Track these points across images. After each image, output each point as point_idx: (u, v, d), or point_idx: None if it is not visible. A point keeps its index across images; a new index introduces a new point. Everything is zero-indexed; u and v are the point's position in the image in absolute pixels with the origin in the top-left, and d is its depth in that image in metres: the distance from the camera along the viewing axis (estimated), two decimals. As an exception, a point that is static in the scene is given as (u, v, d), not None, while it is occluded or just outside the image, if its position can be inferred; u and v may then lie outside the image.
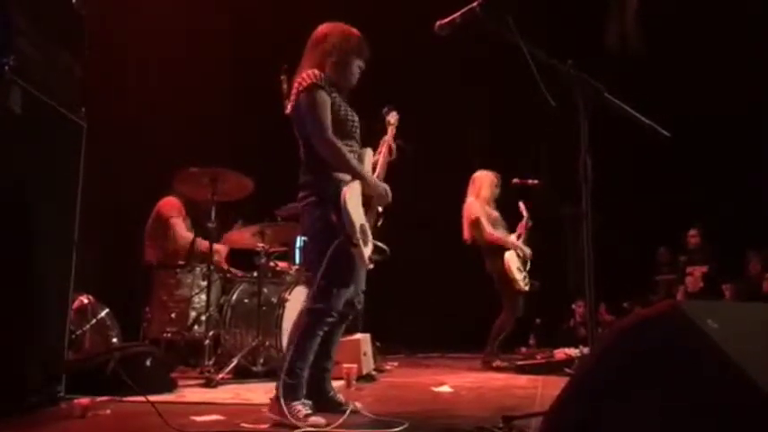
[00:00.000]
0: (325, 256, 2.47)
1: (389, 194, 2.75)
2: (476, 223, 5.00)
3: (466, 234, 5.08)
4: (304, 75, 2.60)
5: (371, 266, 2.65)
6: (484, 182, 5.15)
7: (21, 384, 2.55)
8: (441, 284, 6.93)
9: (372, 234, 2.67)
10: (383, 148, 2.92)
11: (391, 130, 2.96)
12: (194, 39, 6.08)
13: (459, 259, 5.55)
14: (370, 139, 2.88)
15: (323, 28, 2.73)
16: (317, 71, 2.59)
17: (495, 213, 5.15)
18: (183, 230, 4.48)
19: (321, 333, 2.56)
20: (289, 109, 2.65)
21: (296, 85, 2.61)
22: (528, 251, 5.14)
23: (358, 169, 2.63)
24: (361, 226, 2.56)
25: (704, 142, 6.68)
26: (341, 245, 2.48)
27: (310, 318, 2.53)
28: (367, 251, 2.57)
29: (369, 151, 2.77)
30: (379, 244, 2.73)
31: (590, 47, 6.51)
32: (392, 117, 3.00)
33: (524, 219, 5.23)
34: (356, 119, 2.71)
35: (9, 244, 2.49)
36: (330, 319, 2.56)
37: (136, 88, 5.68)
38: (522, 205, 5.25)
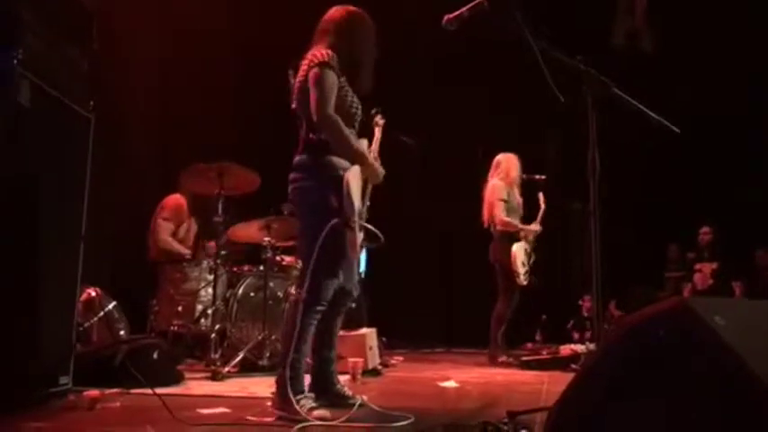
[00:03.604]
0: (316, 241, 2.45)
1: (382, 174, 2.73)
2: (495, 205, 4.98)
3: (485, 216, 5.06)
4: (317, 52, 2.57)
5: (362, 254, 2.63)
6: (510, 164, 5.13)
7: (29, 376, 2.57)
8: (446, 280, 6.92)
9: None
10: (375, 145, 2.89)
11: (378, 131, 2.94)
12: (196, 38, 6.08)
13: (465, 254, 5.54)
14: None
15: (338, 11, 2.68)
16: (330, 52, 2.56)
17: (519, 198, 5.13)
18: (165, 233, 4.54)
19: (313, 323, 2.55)
20: (295, 84, 2.60)
21: (307, 59, 2.58)
22: (538, 228, 5.12)
23: (356, 146, 2.62)
24: (359, 211, 2.55)
25: (714, 140, 6.63)
26: (335, 227, 2.47)
27: (299, 310, 2.51)
28: (359, 238, 2.57)
29: (365, 142, 2.76)
30: (374, 230, 2.71)
31: (595, 43, 6.46)
32: (380, 119, 2.97)
33: (542, 210, 5.22)
34: (360, 109, 2.69)
35: (17, 236, 2.50)
36: (319, 308, 2.55)
37: (139, 82, 5.68)
38: (541, 196, 5.24)
